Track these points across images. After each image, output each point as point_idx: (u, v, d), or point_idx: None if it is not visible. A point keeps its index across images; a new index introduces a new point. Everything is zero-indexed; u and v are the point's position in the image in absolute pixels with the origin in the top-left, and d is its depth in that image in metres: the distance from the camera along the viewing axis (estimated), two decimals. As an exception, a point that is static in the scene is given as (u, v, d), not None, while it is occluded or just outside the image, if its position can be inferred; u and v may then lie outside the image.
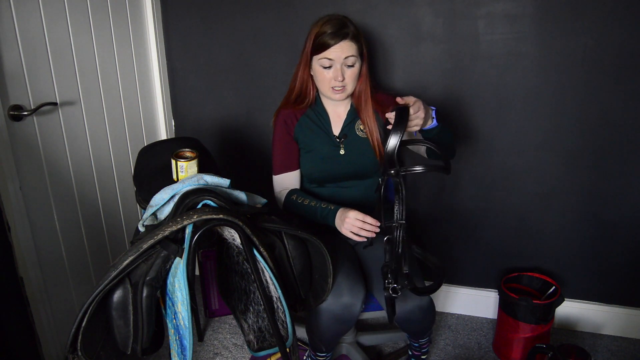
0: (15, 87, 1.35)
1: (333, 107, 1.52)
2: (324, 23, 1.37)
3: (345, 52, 1.35)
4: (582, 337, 1.89)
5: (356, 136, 1.50)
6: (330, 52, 1.35)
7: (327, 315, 1.30)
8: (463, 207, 1.89)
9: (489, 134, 1.76)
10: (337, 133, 1.51)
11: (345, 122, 1.51)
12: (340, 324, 1.32)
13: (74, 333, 0.99)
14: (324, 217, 1.36)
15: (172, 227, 1.01)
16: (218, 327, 1.99)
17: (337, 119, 1.52)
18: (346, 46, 1.34)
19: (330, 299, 1.29)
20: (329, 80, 1.39)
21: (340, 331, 1.36)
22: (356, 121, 1.51)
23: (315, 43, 1.37)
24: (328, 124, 1.51)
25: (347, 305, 1.28)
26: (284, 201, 1.49)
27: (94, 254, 1.71)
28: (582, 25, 1.55)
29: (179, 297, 1.02)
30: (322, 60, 1.37)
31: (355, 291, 1.30)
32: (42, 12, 1.41)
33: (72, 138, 1.57)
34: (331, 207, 1.35)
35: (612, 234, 1.78)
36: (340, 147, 1.50)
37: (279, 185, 1.54)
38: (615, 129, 1.64)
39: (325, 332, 1.35)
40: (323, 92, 1.45)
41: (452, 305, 2.05)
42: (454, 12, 1.64)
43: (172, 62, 2.01)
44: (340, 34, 1.34)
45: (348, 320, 1.32)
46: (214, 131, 2.05)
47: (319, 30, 1.36)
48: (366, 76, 1.45)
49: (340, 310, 1.29)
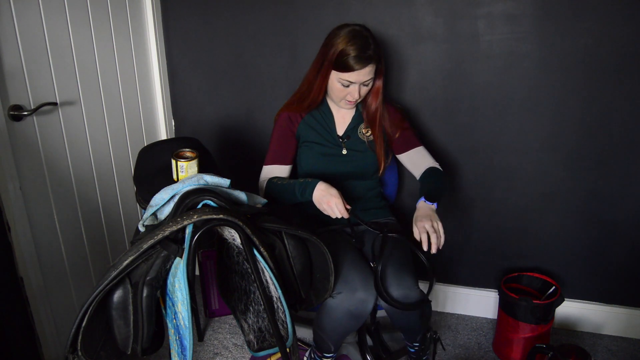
0: (15, 87, 1.34)
1: (338, 109, 1.57)
2: (349, 41, 1.36)
3: (366, 77, 1.39)
4: (582, 337, 1.89)
5: (359, 139, 1.55)
6: (352, 75, 1.38)
7: (341, 311, 1.31)
8: (463, 206, 1.89)
9: (488, 133, 1.76)
10: (341, 134, 1.55)
11: (350, 125, 1.56)
12: (352, 320, 1.33)
13: (74, 333, 0.99)
14: (303, 189, 1.36)
15: (172, 227, 1.01)
16: (218, 327, 1.99)
17: (342, 121, 1.57)
18: (368, 70, 1.38)
19: (343, 294, 1.30)
20: (345, 95, 1.44)
21: (351, 327, 1.37)
22: (360, 125, 1.56)
23: (338, 61, 1.38)
24: (332, 124, 1.55)
25: (362, 300, 1.30)
26: (265, 187, 1.49)
27: (94, 254, 1.71)
28: (582, 25, 1.55)
29: (179, 297, 1.02)
30: (343, 81, 1.41)
31: (369, 286, 1.32)
32: (42, 12, 1.41)
33: (72, 138, 1.57)
34: (309, 179, 1.37)
35: (612, 234, 1.78)
36: (343, 147, 1.54)
37: (266, 175, 1.54)
38: (616, 129, 1.64)
39: (336, 328, 1.36)
40: (335, 101, 1.50)
41: (452, 305, 2.05)
42: (454, 12, 1.64)
43: (172, 62, 2.01)
44: (364, 58, 1.36)
45: (361, 316, 1.33)
46: (214, 131, 2.05)
47: (343, 48, 1.36)
48: (379, 92, 1.49)
49: (354, 305, 1.30)
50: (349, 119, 1.57)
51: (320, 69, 1.44)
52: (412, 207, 1.94)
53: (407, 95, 1.79)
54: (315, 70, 1.46)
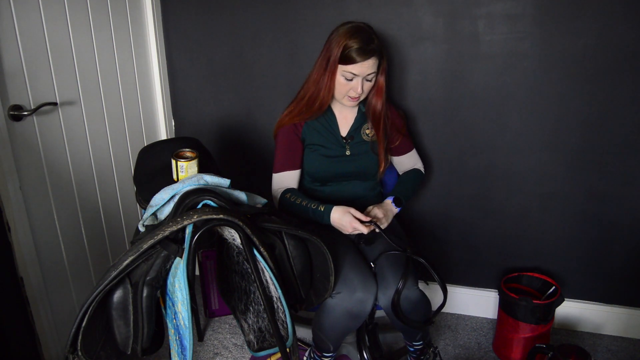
0: (15, 87, 1.34)
1: (340, 111, 1.57)
2: (352, 35, 1.38)
3: (369, 70, 1.40)
4: (582, 337, 1.89)
5: (362, 139, 1.56)
6: (355, 67, 1.39)
7: (340, 311, 1.32)
8: (463, 206, 1.89)
9: (488, 133, 1.76)
10: (345, 134, 1.56)
11: (352, 126, 1.57)
12: (351, 320, 1.34)
13: (74, 333, 0.99)
14: (320, 217, 1.42)
15: (172, 227, 1.01)
16: (218, 327, 1.99)
17: (344, 122, 1.57)
18: (371, 63, 1.40)
19: (343, 294, 1.31)
20: (347, 90, 1.45)
21: (351, 327, 1.37)
22: (362, 126, 1.57)
23: (341, 54, 1.39)
24: (336, 126, 1.56)
25: (361, 300, 1.31)
26: (279, 199, 1.52)
27: (94, 254, 1.71)
28: (582, 25, 1.55)
29: (179, 297, 1.02)
30: (346, 73, 1.41)
31: (368, 286, 1.32)
32: (42, 12, 1.41)
33: (72, 138, 1.57)
34: (321, 207, 1.41)
35: (613, 234, 1.78)
36: (347, 148, 1.55)
37: (277, 184, 1.56)
38: (616, 129, 1.64)
39: (335, 327, 1.36)
40: (338, 98, 1.50)
41: (452, 305, 2.05)
42: (454, 12, 1.64)
43: (172, 62, 2.01)
44: (367, 51, 1.38)
45: (360, 316, 1.33)
46: (214, 131, 2.05)
47: (346, 42, 1.38)
48: (383, 90, 1.50)
49: (353, 305, 1.31)
50: (351, 120, 1.57)
51: (326, 67, 1.44)
52: (412, 207, 1.95)
53: (407, 96, 1.79)
54: (321, 69, 1.46)
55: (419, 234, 1.95)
